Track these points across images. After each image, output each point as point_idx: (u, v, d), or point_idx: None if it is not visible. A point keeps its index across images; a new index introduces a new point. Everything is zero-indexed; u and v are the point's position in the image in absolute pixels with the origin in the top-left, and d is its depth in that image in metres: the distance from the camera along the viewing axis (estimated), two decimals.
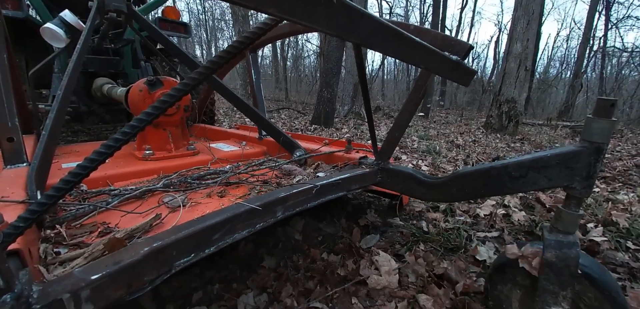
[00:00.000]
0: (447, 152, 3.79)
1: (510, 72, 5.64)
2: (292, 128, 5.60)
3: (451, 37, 1.08)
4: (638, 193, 2.22)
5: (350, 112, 7.40)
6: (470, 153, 3.67)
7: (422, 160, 3.21)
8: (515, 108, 5.60)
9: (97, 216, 0.92)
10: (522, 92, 5.75)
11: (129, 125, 0.62)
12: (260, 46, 2.50)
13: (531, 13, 5.38)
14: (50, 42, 1.57)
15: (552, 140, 5.31)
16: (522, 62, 5.54)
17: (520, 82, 5.61)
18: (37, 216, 0.55)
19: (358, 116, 7.17)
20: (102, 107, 2.57)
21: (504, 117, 5.65)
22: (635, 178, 2.72)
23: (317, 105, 6.07)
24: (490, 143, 4.67)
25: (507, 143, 4.74)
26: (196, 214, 0.94)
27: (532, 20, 5.43)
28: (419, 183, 1.15)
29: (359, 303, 1.08)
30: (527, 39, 5.49)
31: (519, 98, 5.65)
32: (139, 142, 1.62)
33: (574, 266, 0.76)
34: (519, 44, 5.54)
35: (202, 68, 0.69)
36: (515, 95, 5.61)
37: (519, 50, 5.54)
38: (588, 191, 0.77)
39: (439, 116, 9.70)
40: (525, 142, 4.92)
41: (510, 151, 4.17)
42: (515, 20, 5.65)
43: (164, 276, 0.64)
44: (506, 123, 5.63)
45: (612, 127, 0.72)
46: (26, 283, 0.47)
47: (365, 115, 7.01)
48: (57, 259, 0.68)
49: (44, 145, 1.03)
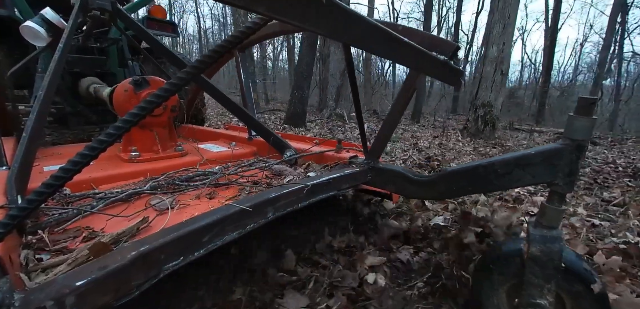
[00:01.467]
0: (402, 153, 3.82)
1: (487, 76, 5.62)
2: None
3: (439, 38, 1.09)
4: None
5: (333, 114, 7.68)
6: (428, 155, 3.74)
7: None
8: (491, 113, 5.57)
9: (81, 220, 0.89)
10: (498, 96, 5.69)
11: (114, 126, 0.61)
12: (248, 45, 2.48)
13: (507, 17, 5.38)
14: (30, 41, 1.52)
15: (524, 145, 5.36)
16: (497, 66, 5.49)
17: (496, 86, 5.57)
18: (17, 221, 0.53)
19: (340, 118, 7.40)
20: (88, 107, 2.50)
21: (479, 121, 5.60)
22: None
23: (289, 106, 6.63)
24: (455, 146, 4.71)
25: (475, 147, 4.72)
26: (185, 216, 0.93)
27: (508, 24, 5.43)
28: (408, 181, 1.16)
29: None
30: (503, 43, 5.47)
31: (495, 103, 5.62)
32: (124, 143, 1.58)
33: (557, 259, 0.79)
34: (494, 47, 5.50)
35: (189, 68, 0.68)
36: (491, 99, 5.57)
37: (494, 54, 5.50)
38: (570, 187, 0.79)
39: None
40: (497, 147, 4.90)
41: (471, 155, 4.10)
42: (492, 24, 5.64)
43: (152, 280, 0.63)
44: (482, 128, 5.58)
45: (593, 125, 0.75)
46: (7, 291, 0.45)
47: (346, 117, 7.32)
48: (40, 266, 0.65)
49: (25, 148, 1.00)
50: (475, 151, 4.49)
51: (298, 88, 6.49)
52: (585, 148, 0.76)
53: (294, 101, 6.51)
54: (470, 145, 4.90)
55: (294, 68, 8.00)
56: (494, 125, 5.61)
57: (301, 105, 6.50)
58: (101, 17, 1.51)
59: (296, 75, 6.80)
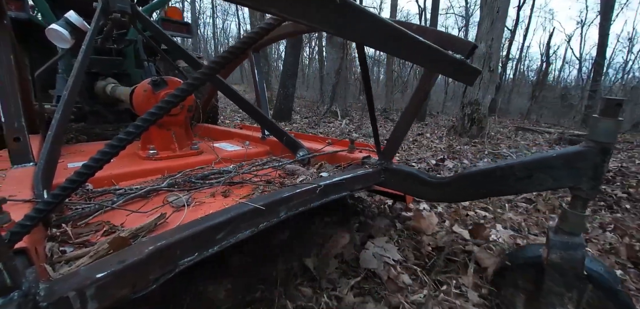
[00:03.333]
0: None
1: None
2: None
3: (455, 36, 1.07)
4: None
5: (328, 111, 8.03)
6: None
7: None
8: (479, 111, 5.41)
9: (102, 215, 0.93)
10: (487, 93, 5.51)
11: (134, 125, 0.62)
12: (263, 46, 2.51)
13: (496, 12, 5.21)
14: (55, 43, 1.59)
15: (507, 146, 4.98)
16: (486, 62, 5.30)
17: (484, 83, 5.37)
18: (43, 215, 0.56)
19: (334, 115, 7.84)
20: (105, 107, 2.59)
21: (466, 119, 5.47)
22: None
23: (276, 102, 7.17)
24: (430, 144, 4.66)
25: (450, 144, 4.60)
26: (200, 213, 0.95)
27: (497, 19, 5.23)
28: (422, 182, 1.14)
29: None
30: (491, 39, 5.27)
31: (483, 101, 5.46)
32: (143, 141, 1.63)
33: (580, 267, 0.75)
34: (483, 43, 5.30)
35: (205, 69, 0.69)
36: (479, 97, 5.41)
37: (483, 50, 5.25)
38: (595, 192, 0.76)
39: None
40: (478, 144, 4.68)
41: (443, 153, 3.95)
42: (481, 20, 5.47)
43: (168, 275, 0.65)
44: (468, 126, 5.43)
45: (618, 127, 0.72)
46: (33, 281, 0.47)
47: (339, 114, 7.65)
48: (63, 258, 0.68)
49: (50, 145, 1.04)
50: (449, 148, 4.40)
51: (283, 86, 6.99)
52: (610, 151, 0.73)
53: (280, 98, 7.02)
54: (445, 143, 4.81)
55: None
56: (481, 124, 5.42)
57: (286, 102, 7.00)
58: (121, 19, 1.56)
59: (281, 74, 7.33)
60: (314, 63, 19.45)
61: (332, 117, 7.72)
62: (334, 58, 8.13)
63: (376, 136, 1.34)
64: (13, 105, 1.14)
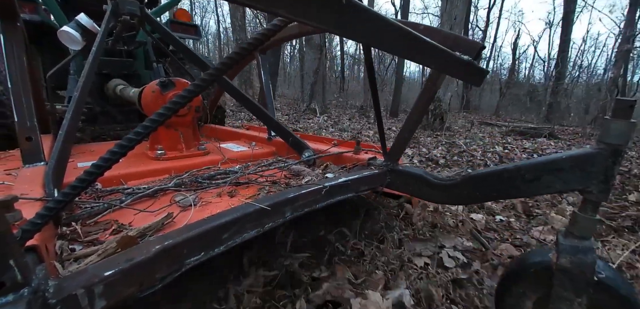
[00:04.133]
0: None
1: None
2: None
3: (462, 37, 1.06)
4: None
5: (308, 108, 8.40)
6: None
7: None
8: (441, 107, 6.22)
9: (111, 214, 0.94)
10: (447, 91, 6.42)
11: (142, 126, 0.63)
12: (269, 47, 2.52)
13: (453, 18, 5.87)
14: (67, 45, 1.62)
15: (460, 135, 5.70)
16: None
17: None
18: (54, 213, 0.57)
19: (314, 112, 8.20)
20: (115, 107, 2.64)
21: (430, 114, 6.22)
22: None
23: (258, 100, 7.58)
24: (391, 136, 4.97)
25: (416, 137, 4.93)
26: (207, 213, 0.96)
27: (455, 25, 5.87)
28: (428, 184, 1.13)
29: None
30: None
31: (444, 98, 6.29)
32: (151, 142, 1.65)
33: (590, 272, 0.74)
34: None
35: (213, 70, 0.70)
36: (440, 94, 6.16)
37: None
38: (606, 195, 0.74)
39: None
40: (439, 136, 5.36)
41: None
42: (441, 26, 6.08)
43: (174, 274, 0.65)
44: (432, 121, 6.22)
45: (632, 129, 0.70)
46: (43, 277, 0.48)
47: (318, 111, 7.97)
48: (72, 256, 0.70)
49: (61, 144, 1.06)
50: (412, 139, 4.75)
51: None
52: (622, 153, 0.71)
53: (261, 98, 7.17)
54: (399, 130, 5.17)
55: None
56: (442, 118, 6.27)
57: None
58: (131, 21, 1.59)
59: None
60: (296, 62, 19.58)
61: (311, 114, 8.11)
62: (312, 59, 8.49)
63: (382, 137, 1.34)
64: (25, 105, 1.16)
